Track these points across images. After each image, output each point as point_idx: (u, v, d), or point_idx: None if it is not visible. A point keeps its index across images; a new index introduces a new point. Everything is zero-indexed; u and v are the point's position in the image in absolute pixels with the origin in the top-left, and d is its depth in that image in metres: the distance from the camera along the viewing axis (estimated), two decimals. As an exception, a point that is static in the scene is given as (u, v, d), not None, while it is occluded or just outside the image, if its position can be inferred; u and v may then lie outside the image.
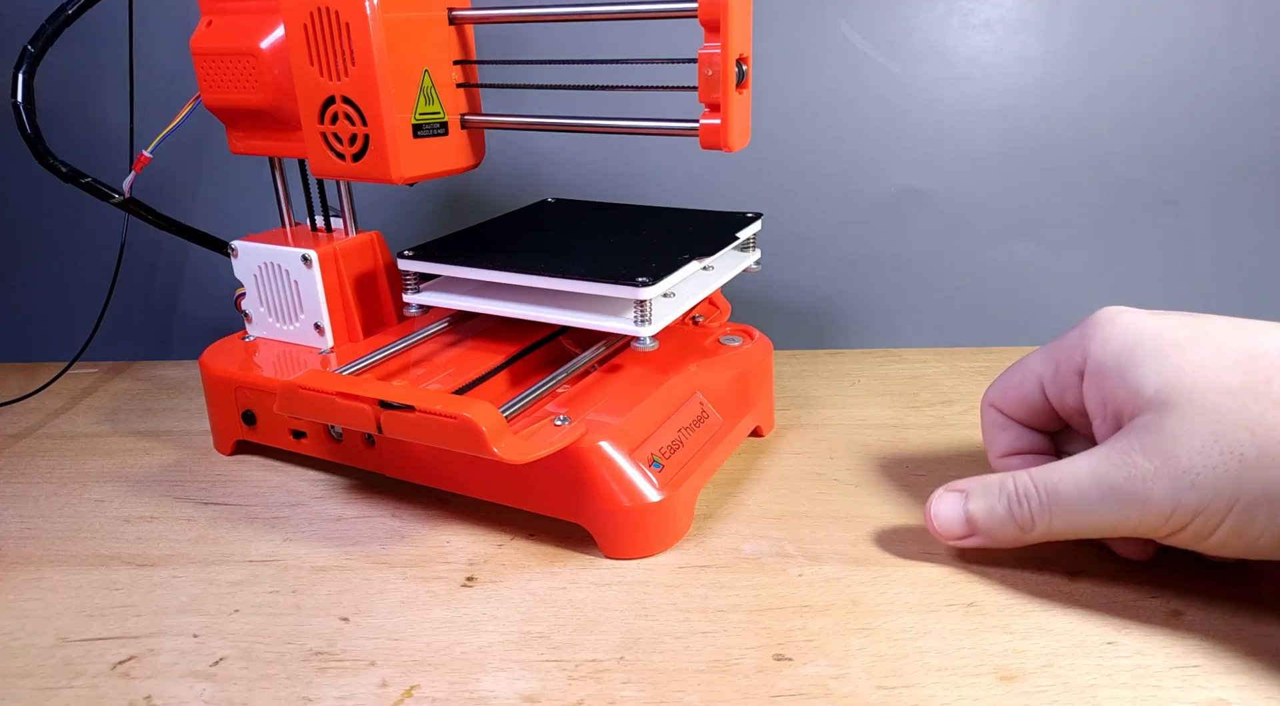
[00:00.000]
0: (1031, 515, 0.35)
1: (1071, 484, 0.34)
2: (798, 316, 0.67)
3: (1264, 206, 0.63)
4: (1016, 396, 0.39)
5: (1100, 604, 0.36)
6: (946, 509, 0.38)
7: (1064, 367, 0.37)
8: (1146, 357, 0.34)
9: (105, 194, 0.52)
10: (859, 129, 0.63)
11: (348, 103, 0.44)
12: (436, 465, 0.44)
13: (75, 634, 0.37)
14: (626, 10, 0.44)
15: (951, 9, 0.61)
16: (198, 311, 0.70)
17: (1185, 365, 0.33)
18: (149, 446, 0.53)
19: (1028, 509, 0.35)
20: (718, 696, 0.32)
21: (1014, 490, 0.36)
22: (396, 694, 0.33)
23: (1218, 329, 0.34)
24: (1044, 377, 0.38)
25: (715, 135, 0.41)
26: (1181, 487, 0.31)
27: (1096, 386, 0.35)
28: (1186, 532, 0.32)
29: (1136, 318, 0.35)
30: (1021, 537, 0.36)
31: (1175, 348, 0.33)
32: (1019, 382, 0.39)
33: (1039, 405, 0.39)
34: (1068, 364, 0.37)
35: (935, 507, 0.38)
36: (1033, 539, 0.36)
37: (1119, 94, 0.61)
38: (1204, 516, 0.31)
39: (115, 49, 0.58)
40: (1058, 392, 0.38)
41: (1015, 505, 0.35)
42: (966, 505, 0.37)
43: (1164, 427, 0.32)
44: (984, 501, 0.37)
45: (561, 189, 0.63)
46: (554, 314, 0.44)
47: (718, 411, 0.47)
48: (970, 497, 0.37)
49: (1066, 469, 0.34)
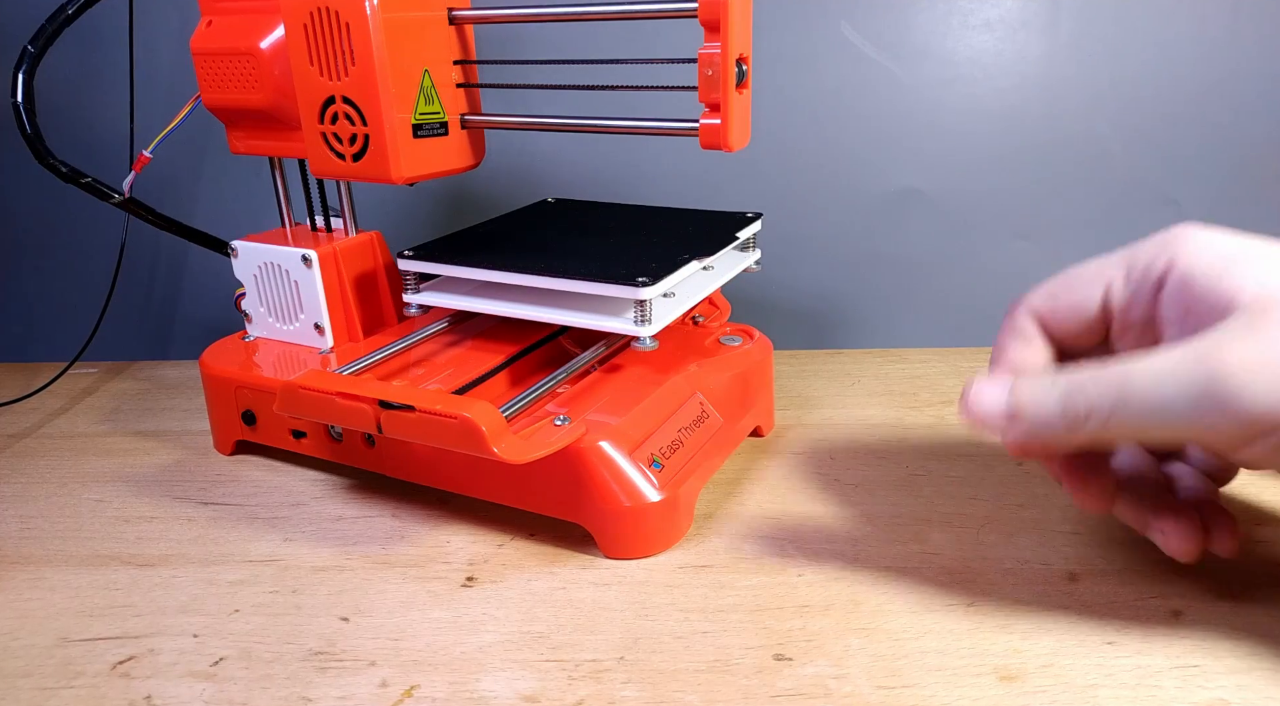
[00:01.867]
0: (1089, 405, 0.31)
1: (1148, 375, 0.30)
2: (798, 316, 0.67)
3: (1264, 206, 0.63)
4: (1070, 300, 0.36)
5: (1100, 604, 0.36)
6: (989, 392, 0.34)
7: (1141, 274, 0.34)
8: (1245, 264, 0.32)
9: (105, 194, 0.52)
10: (859, 129, 0.63)
11: (348, 103, 0.44)
12: (436, 465, 0.44)
13: (75, 634, 0.37)
14: (626, 10, 0.44)
15: (951, 9, 0.61)
16: (198, 311, 0.70)
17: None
18: (149, 446, 0.53)
19: (1086, 398, 0.31)
20: (718, 696, 0.32)
21: (1071, 382, 0.32)
22: (396, 694, 0.33)
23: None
24: (1112, 283, 0.35)
25: (715, 135, 0.41)
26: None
27: (1180, 296, 0.33)
28: (1267, 441, 0.29)
29: (1224, 233, 0.33)
30: (1069, 434, 0.32)
31: (1274, 257, 0.32)
32: (1079, 287, 0.36)
33: (1092, 313, 0.35)
34: (1146, 271, 0.34)
35: (976, 391, 0.34)
36: (1080, 438, 0.32)
37: (1119, 94, 0.61)
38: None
39: (115, 49, 0.58)
40: (1125, 299, 0.35)
41: (1073, 396, 0.32)
42: (1012, 392, 0.33)
43: (1262, 328, 0.29)
44: (1034, 387, 0.33)
45: (561, 189, 0.63)
46: (554, 314, 0.44)
47: (718, 411, 0.47)
48: (1019, 384, 0.33)
49: (1142, 360, 0.31)
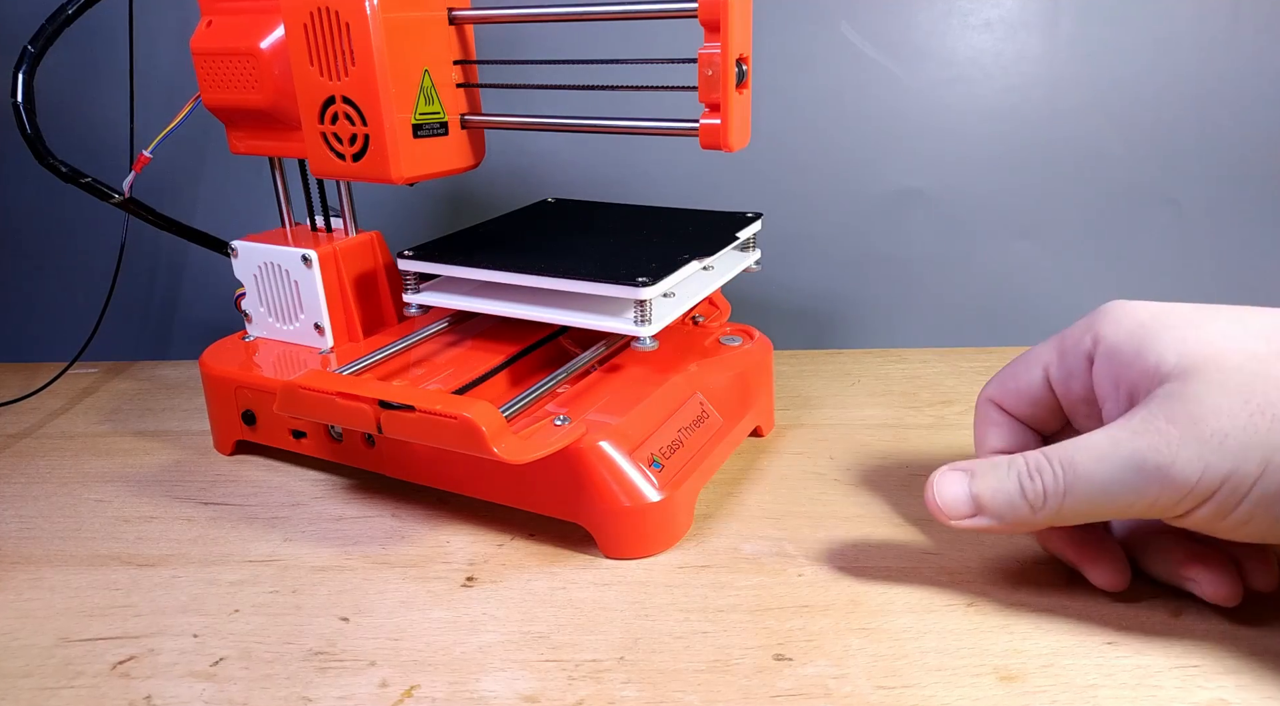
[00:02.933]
0: (1044, 491, 0.33)
1: (1089, 455, 0.32)
2: (798, 316, 0.67)
3: (1264, 206, 0.63)
4: (1017, 387, 0.38)
5: (1100, 604, 0.36)
6: (950, 486, 0.35)
7: (1072, 353, 0.36)
8: (1165, 332, 0.32)
9: (105, 194, 0.52)
10: (859, 129, 0.63)
11: (348, 103, 0.44)
12: (436, 465, 0.44)
13: (75, 634, 0.37)
14: (626, 10, 0.44)
15: (951, 9, 0.61)
16: (198, 311, 0.70)
17: (1208, 336, 0.32)
18: (149, 446, 0.53)
19: (1040, 485, 0.33)
20: (718, 696, 0.32)
21: (1025, 466, 0.33)
22: (396, 694, 0.33)
23: (1234, 309, 0.33)
24: (1049, 365, 0.37)
25: (715, 135, 0.41)
26: (1209, 450, 0.30)
27: (1109, 368, 0.34)
28: (1208, 506, 0.30)
29: (1147, 304, 0.34)
30: (1030, 518, 0.33)
31: (1194, 323, 0.32)
32: (1021, 373, 0.38)
33: (1041, 396, 0.37)
34: (1076, 349, 0.36)
35: (938, 485, 0.35)
36: (1039, 521, 0.33)
37: (1119, 94, 0.61)
38: (1232, 483, 0.30)
39: (115, 49, 0.58)
40: (1064, 379, 0.36)
41: (1027, 480, 0.33)
42: (972, 483, 0.35)
43: (1189, 393, 0.30)
44: (991, 479, 0.34)
45: (561, 189, 0.63)
46: (554, 314, 0.44)
47: (718, 411, 0.47)
48: (976, 475, 0.35)
49: (1083, 441, 0.32)
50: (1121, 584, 0.36)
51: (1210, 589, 0.35)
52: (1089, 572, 0.37)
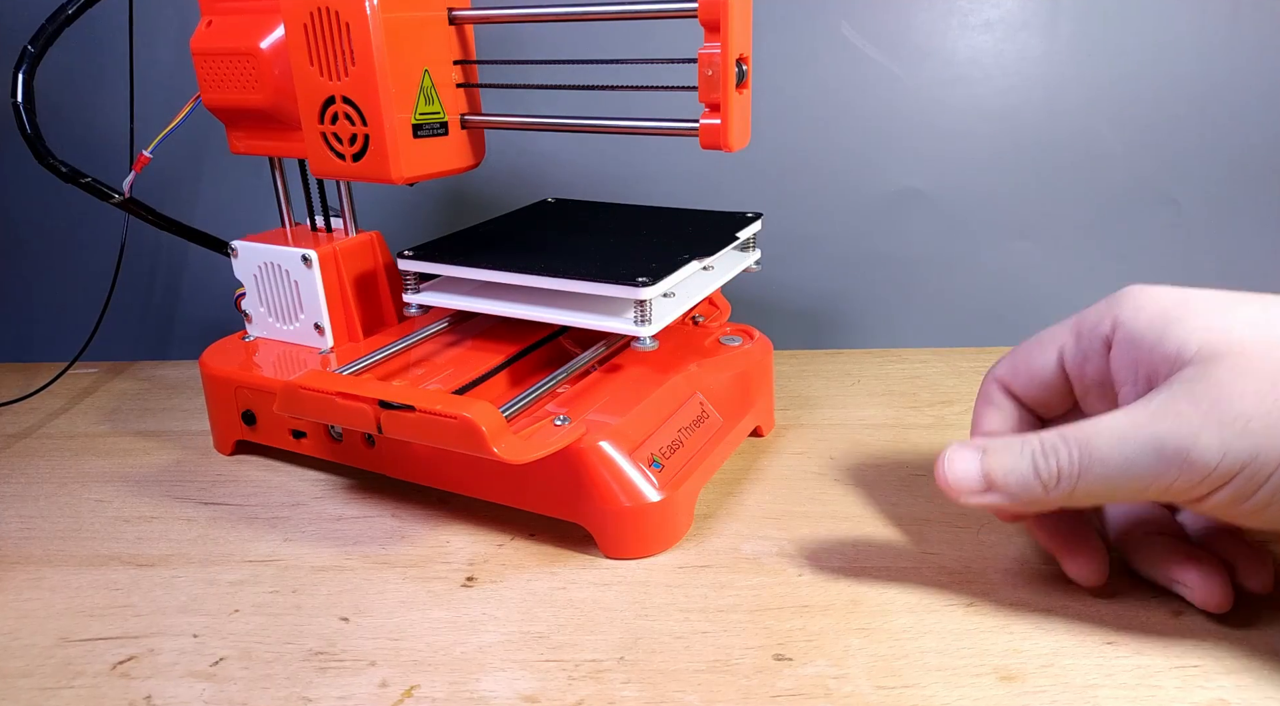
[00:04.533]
0: (1058, 471, 0.32)
1: (1107, 436, 0.31)
2: (798, 316, 0.67)
3: (1264, 206, 0.63)
4: (1030, 368, 0.37)
5: (1100, 604, 0.36)
6: (962, 462, 0.34)
7: (1088, 336, 0.35)
8: (1189, 318, 0.32)
9: (105, 194, 0.52)
10: (859, 129, 0.63)
11: (348, 103, 0.44)
12: (436, 465, 0.44)
13: (75, 634, 0.37)
14: (626, 10, 0.44)
15: (951, 9, 0.61)
16: (198, 311, 0.70)
17: (1232, 323, 0.31)
18: (149, 446, 0.53)
19: (1054, 464, 0.32)
20: (718, 696, 0.32)
21: (1039, 445, 0.33)
22: (396, 694, 0.33)
23: (1259, 297, 0.32)
24: (1064, 347, 0.36)
25: (715, 135, 0.41)
26: (1231, 434, 0.29)
27: (1128, 352, 0.33)
28: (1226, 490, 0.30)
29: (1169, 289, 0.34)
30: (1042, 498, 0.33)
31: (1219, 309, 0.32)
32: (1035, 353, 0.37)
33: (1052, 379, 0.37)
34: (1093, 332, 0.35)
35: (949, 461, 0.34)
36: (1051, 501, 0.33)
37: (1119, 94, 0.61)
38: (1252, 468, 0.29)
39: (115, 49, 0.58)
40: (1078, 362, 0.36)
41: (1040, 460, 0.32)
42: (984, 460, 0.34)
43: (1212, 377, 0.30)
44: (1005, 456, 0.33)
45: (561, 189, 0.63)
46: (554, 314, 0.44)
47: (718, 411, 0.47)
48: (989, 452, 0.34)
49: (1100, 422, 0.32)
50: (1098, 579, 0.36)
51: (1201, 594, 0.35)
52: (1066, 564, 0.36)
